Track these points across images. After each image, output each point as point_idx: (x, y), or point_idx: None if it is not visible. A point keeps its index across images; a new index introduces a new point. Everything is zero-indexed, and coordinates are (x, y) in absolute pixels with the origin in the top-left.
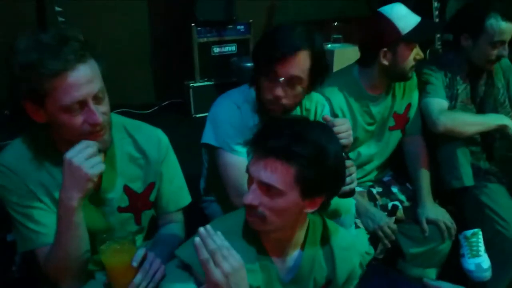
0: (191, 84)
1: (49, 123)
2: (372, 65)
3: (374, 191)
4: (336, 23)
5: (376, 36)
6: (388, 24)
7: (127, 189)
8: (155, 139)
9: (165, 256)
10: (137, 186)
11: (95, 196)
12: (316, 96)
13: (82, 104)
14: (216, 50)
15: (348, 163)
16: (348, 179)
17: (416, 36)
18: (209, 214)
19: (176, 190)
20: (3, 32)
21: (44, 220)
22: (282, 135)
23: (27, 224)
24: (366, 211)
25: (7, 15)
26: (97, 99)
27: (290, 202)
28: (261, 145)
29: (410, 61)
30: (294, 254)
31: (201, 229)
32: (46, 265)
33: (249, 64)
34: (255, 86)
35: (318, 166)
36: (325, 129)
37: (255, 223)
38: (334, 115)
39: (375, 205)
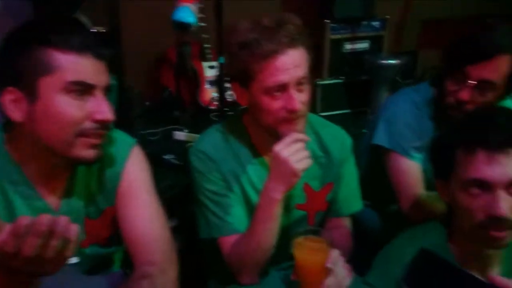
0: (318, 82)
1: (249, 106)
2: None
3: None
4: None
5: None
6: None
7: (306, 187)
8: (340, 139)
9: None
10: (315, 185)
11: None
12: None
13: (284, 88)
14: (348, 47)
15: None
16: None
17: None
18: (361, 220)
19: (350, 195)
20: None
21: (233, 210)
22: (500, 122)
23: (217, 212)
24: None
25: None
26: (299, 86)
27: None
28: (488, 141)
29: None
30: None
31: None
32: (231, 254)
33: (383, 62)
34: (437, 88)
35: None
36: None
37: (505, 239)
38: None
39: None
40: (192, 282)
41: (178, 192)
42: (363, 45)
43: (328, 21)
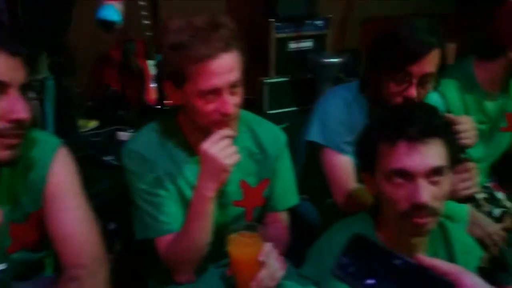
0: (265, 81)
1: (184, 105)
2: (498, 59)
3: (478, 196)
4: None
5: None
6: None
7: (243, 183)
8: (275, 135)
9: None
10: (252, 181)
11: None
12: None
13: (217, 92)
14: (293, 45)
15: (470, 165)
16: (469, 183)
17: None
18: (300, 213)
19: (286, 190)
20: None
21: (167, 209)
22: (418, 115)
23: (151, 212)
24: (472, 217)
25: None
26: (232, 89)
27: (449, 181)
28: (408, 132)
29: None
30: None
31: None
32: (167, 253)
33: (326, 60)
34: (369, 87)
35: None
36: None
37: (428, 225)
38: (448, 112)
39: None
40: (131, 283)
41: (118, 193)
42: (307, 44)
43: (272, 20)
